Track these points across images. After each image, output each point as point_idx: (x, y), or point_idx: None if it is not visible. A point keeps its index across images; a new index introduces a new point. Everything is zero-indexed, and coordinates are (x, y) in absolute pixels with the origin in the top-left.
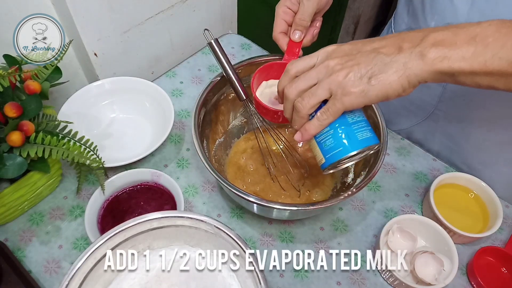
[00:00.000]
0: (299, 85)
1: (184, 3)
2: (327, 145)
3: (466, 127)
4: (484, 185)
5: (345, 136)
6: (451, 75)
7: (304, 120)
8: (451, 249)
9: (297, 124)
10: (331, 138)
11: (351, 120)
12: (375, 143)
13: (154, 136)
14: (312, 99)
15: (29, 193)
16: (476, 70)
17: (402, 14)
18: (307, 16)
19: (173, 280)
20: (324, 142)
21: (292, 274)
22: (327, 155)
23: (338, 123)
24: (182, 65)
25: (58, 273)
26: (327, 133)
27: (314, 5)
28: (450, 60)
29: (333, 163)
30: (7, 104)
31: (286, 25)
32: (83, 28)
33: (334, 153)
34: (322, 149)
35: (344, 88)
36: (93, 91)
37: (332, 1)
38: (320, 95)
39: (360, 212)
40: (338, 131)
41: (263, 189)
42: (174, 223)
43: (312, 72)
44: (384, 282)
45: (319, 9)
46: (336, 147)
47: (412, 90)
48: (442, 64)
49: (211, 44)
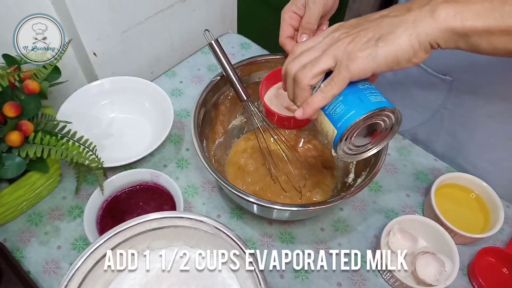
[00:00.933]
0: (302, 59)
1: (184, 3)
2: (337, 113)
3: (472, 125)
4: (485, 185)
5: (357, 99)
6: (464, 35)
7: (306, 93)
8: (452, 249)
9: (299, 99)
10: (341, 104)
11: (361, 86)
12: (390, 106)
13: (154, 136)
14: (314, 68)
15: (28, 193)
16: (492, 28)
17: None
18: (314, 19)
19: (173, 280)
20: (334, 110)
21: (292, 275)
22: (338, 123)
23: (347, 90)
24: (181, 65)
25: (57, 274)
26: (336, 101)
27: (320, 8)
28: (463, 17)
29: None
30: (6, 104)
31: (293, 30)
32: (82, 27)
33: (346, 117)
34: (332, 119)
35: (350, 54)
36: (93, 91)
37: (338, 4)
38: (324, 63)
39: (360, 212)
40: (349, 96)
41: (262, 188)
42: (174, 223)
43: (318, 46)
44: (385, 283)
45: (325, 12)
46: (348, 111)
47: (424, 55)
48: (455, 21)
49: (212, 44)
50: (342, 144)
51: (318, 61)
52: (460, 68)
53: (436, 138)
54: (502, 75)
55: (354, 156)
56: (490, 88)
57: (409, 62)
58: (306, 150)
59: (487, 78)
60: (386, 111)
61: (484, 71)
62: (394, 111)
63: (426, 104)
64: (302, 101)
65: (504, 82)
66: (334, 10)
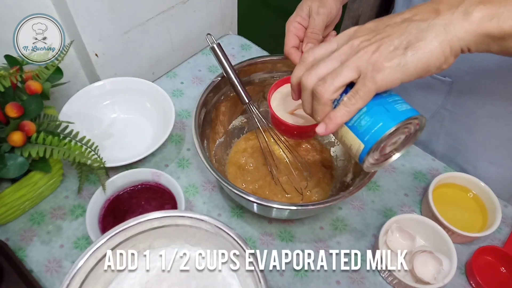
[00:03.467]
0: (319, 70)
1: (185, 4)
2: (363, 125)
3: (472, 125)
4: (483, 185)
5: (383, 109)
6: (499, 38)
7: (327, 108)
8: (450, 248)
9: (319, 114)
10: (366, 116)
11: (384, 95)
12: (417, 114)
13: (155, 136)
14: (336, 82)
15: (30, 193)
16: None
17: None
18: (318, 29)
19: (173, 280)
20: (359, 123)
21: (292, 274)
22: (365, 136)
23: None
24: (182, 66)
25: (59, 273)
26: (360, 112)
27: (324, 18)
28: (501, 19)
29: (376, 144)
30: (8, 104)
31: (298, 40)
32: (83, 28)
33: (374, 130)
34: (357, 132)
35: (375, 64)
36: (94, 92)
37: (341, 12)
38: (346, 75)
39: (359, 211)
40: (374, 107)
41: (261, 186)
42: (175, 222)
43: (334, 55)
44: (383, 282)
45: (329, 21)
46: (375, 123)
47: (453, 60)
48: (491, 24)
49: (214, 48)
50: (369, 157)
51: (339, 73)
52: (460, 69)
53: (436, 138)
54: (502, 76)
55: (379, 165)
56: (490, 89)
57: (439, 69)
58: (305, 149)
59: (487, 79)
60: (413, 119)
61: (484, 72)
62: (420, 117)
63: (426, 104)
64: (323, 116)
65: (504, 82)
66: (338, 19)
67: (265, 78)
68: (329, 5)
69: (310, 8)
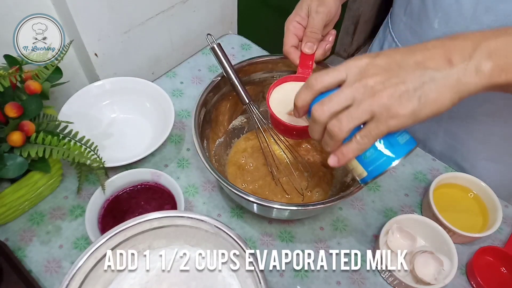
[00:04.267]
0: (332, 106)
1: (184, 4)
2: (367, 156)
3: (470, 123)
4: (483, 185)
5: (387, 143)
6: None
7: (339, 143)
8: (450, 248)
9: (330, 147)
10: (371, 148)
11: None
12: (415, 145)
13: (155, 136)
14: (351, 123)
15: (29, 193)
16: None
17: (400, 14)
18: (317, 28)
19: (173, 280)
20: (364, 153)
21: (292, 274)
22: (369, 167)
23: None
24: (182, 65)
25: (58, 273)
26: None
27: (323, 17)
28: (509, 73)
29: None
30: (8, 104)
31: (297, 39)
32: (83, 28)
33: (378, 164)
34: (361, 161)
35: (390, 110)
36: (94, 91)
37: (340, 11)
38: (361, 118)
39: (359, 212)
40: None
41: (262, 186)
42: (174, 222)
43: (347, 92)
44: (384, 282)
45: (328, 20)
46: (379, 157)
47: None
48: (500, 78)
49: (214, 48)
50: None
51: (355, 115)
52: None
53: (435, 137)
54: None
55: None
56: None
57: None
58: (305, 149)
59: None
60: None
61: None
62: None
63: None
64: (334, 149)
65: None
66: (338, 18)
67: (265, 77)
68: (328, 4)
69: (309, 7)
